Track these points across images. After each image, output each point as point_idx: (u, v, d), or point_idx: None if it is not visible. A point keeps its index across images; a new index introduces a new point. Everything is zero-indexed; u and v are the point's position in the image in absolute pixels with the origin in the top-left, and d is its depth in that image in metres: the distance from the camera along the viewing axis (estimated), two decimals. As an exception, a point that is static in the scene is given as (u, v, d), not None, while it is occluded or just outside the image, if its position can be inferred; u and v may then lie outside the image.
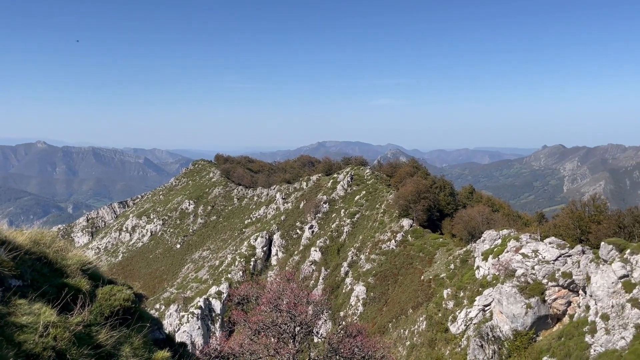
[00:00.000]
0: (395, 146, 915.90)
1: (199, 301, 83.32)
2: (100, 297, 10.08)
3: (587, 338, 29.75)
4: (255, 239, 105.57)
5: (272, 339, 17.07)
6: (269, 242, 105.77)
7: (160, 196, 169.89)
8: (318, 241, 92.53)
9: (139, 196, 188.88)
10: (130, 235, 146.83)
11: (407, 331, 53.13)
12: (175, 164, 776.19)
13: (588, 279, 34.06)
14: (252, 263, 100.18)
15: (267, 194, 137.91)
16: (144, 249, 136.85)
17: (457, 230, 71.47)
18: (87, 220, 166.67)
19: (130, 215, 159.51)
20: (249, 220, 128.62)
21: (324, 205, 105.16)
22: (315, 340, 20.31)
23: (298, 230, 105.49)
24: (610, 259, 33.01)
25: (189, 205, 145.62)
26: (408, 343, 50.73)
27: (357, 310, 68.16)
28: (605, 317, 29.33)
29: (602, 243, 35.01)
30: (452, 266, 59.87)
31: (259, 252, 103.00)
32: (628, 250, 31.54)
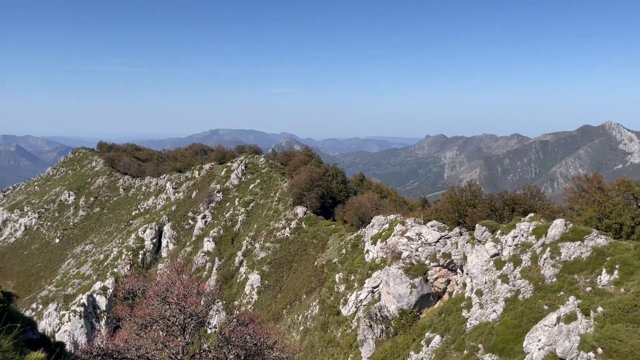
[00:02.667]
0: (289, 135, 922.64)
1: (81, 298, 78.06)
2: (-40, 299, 9.06)
3: (464, 313, 32.31)
4: (144, 231, 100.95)
5: (161, 333, 16.44)
6: (159, 234, 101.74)
7: (36, 187, 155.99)
8: (211, 231, 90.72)
9: (10, 187, 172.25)
10: (1, 230, 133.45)
11: (300, 316, 54.09)
12: (52, 152, 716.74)
13: (465, 258, 36.93)
14: (140, 256, 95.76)
15: (157, 184, 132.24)
16: (17, 244, 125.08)
17: (348, 217, 73.85)
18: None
19: (0, 208, 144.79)
20: (137, 212, 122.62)
21: (218, 195, 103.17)
22: (209, 331, 19.94)
23: (190, 221, 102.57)
24: (483, 239, 36.04)
25: (69, 197, 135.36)
26: (302, 328, 51.69)
27: (252, 298, 68.06)
28: (479, 293, 32.04)
29: (477, 225, 38.08)
30: (343, 251, 61.82)
31: (148, 244, 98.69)
32: (499, 231, 34.66)
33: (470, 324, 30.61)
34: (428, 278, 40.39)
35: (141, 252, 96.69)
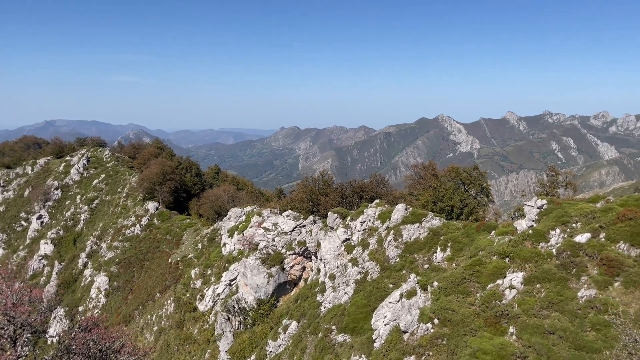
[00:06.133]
0: (137, 126, 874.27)
1: None
2: None
3: (319, 297, 33.57)
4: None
5: (-15, 349, 14.42)
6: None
7: None
8: (49, 232, 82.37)
9: None
10: None
11: (154, 316, 51.66)
12: None
13: (319, 245, 38.36)
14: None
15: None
16: None
17: (204, 210, 72.17)
18: None
19: None
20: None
21: (56, 192, 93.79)
22: (49, 341, 18.04)
23: (23, 222, 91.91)
24: (335, 226, 37.74)
25: None
26: (156, 328, 49.42)
27: (99, 302, 63.27)
28: (332, 277, 33.52)
29: (329, 212, 39.74)
30: (199, 246, 60.34)
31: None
32: (349, 218, 36.55)
33: (324, 307, 31.90)
34: (285, 267, 41.21)
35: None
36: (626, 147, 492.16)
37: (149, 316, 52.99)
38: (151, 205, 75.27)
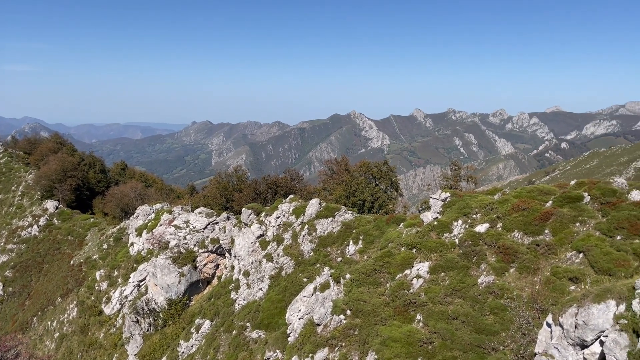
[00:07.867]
0: (34, 119, 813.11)
1: None
2: None
3: (233, 294, 33.15)
4: None
5: None
6: None
7: None
8: None
9: None
10: None
11: (55, 322, 48.37)
12: None
13: (233, 241, 37.82)
14: None
15: None
16: None
17: (109, 209, 68.60)
18: None
19: None
20: None
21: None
22: None
23: None
24: (250, 222, 37.41)
25: None
26: (57, 334, 46.29)
27: (-9, 310, 58.17)
28: (246, 274, 33.22)
29: (243, 208, 39.31)
30: (105, 246, 57.24)
31: None
32: (263, 213, 36.40)
33: (238, 305, 31.56)
34: (197, 265, 40.23)
35: None
36: (521, 143, 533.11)
37: (49, 322, 49.50)
38: (50, 204, 70.34)
